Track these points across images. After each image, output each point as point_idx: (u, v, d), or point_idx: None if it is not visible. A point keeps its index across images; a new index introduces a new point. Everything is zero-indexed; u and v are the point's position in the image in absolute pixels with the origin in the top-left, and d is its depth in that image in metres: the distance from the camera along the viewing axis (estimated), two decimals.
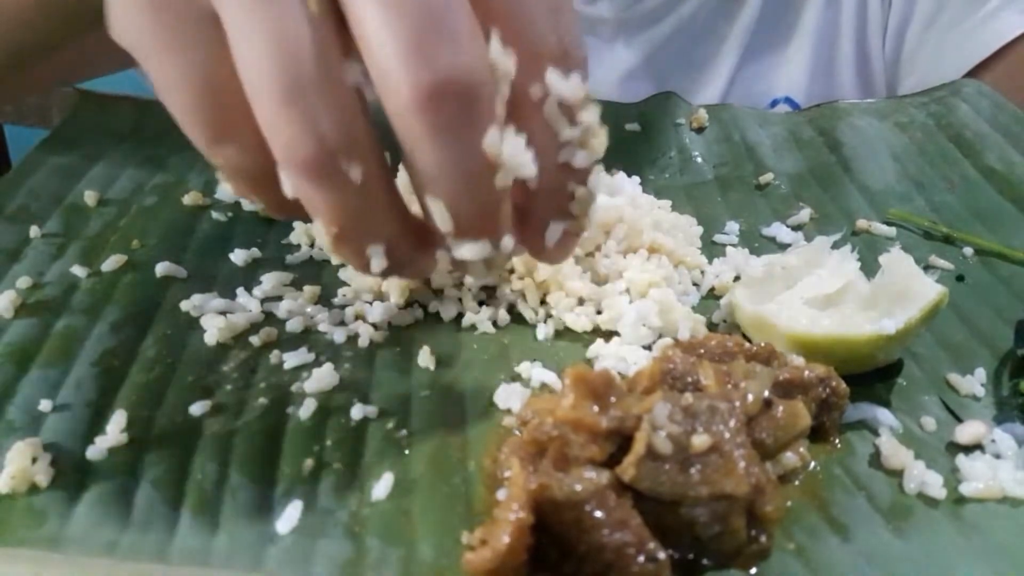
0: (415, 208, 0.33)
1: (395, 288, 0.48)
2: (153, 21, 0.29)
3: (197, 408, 0.41)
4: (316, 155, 0.29)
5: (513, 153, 0.29)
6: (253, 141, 0.30)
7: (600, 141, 0.32)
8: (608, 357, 0.45)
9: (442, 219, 0.31)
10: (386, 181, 0.32)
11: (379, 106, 0.30)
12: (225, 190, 0.35)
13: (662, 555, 0.31)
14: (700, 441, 0.32)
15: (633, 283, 0.49)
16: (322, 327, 0.47)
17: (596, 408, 0.34)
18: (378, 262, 0.32)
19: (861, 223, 0.58)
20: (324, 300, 0.49)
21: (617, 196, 0.53)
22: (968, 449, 0.40)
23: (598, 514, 0.32)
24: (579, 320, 0.47)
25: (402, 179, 0.39)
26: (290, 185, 0.30)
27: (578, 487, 0.32)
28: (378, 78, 0.28)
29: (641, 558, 0.31)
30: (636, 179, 0.57)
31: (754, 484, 0.33)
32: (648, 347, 0.46)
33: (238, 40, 0.28)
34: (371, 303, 0.48)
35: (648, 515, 0.32)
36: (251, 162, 0.31)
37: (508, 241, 0.32)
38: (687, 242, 0.53)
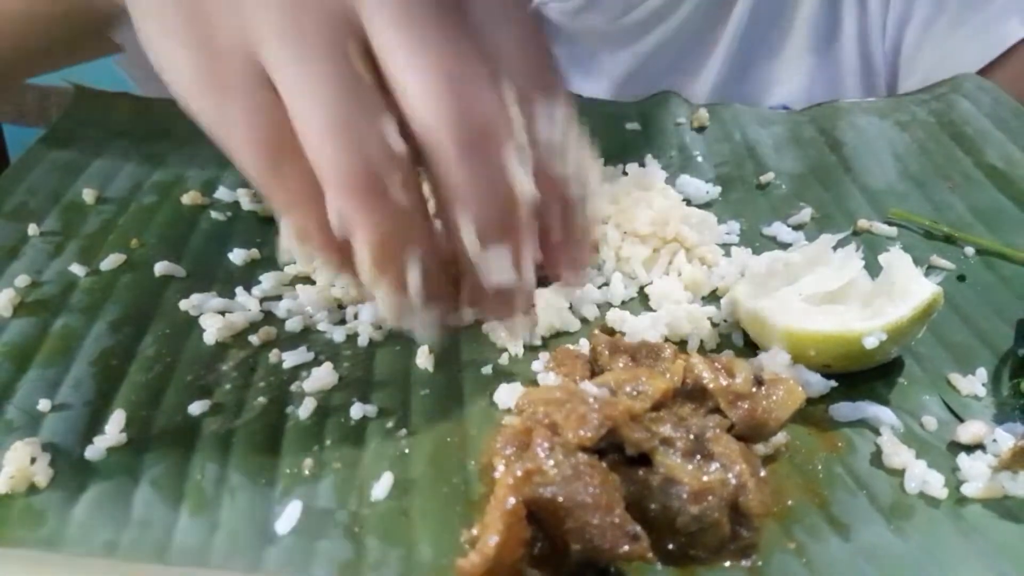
0: None
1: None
2: (207, 75, 0.32)
3: (196, 407, 0.41)
4: (362, 174, 0.31)
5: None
6: (304, 168, 0.32)
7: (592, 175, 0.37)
8: None
9: (469, 233, 0.33)
10: (422, 203, 0.33)
11: None
12: (226, 193, 0.35)
13: (645, 541, 0.32)
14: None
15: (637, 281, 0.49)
16: (321, 326, 0.47)
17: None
18: (415, 280, 0.33)
19: (862, 223, 0.58)
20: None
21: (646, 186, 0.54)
22: (969, 449, 0.40)
23: (584, 498, 0.32)
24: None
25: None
26: (335, 209, 0.32)
27: (566, 470, 0.32)
28: (420, 125, 0.32)
29: (625, 544, 0.31)
30: (663, 172, 0.57)
31: (736, 480, 0.34)
32: None
33: (293, 96, 0.31)
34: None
35: (631, 507, 0.33)
36: (303, 192, 0.33)
37: (530, 275, 0.35)
38: (711, 239, 0.54)
